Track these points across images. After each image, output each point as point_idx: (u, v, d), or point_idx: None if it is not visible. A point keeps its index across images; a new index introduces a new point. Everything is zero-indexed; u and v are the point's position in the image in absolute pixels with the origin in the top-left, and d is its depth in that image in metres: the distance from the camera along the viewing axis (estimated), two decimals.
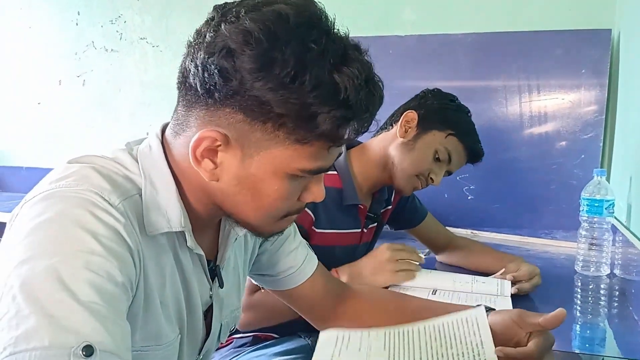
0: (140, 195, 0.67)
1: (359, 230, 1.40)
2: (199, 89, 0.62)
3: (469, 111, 1.41)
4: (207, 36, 0.61)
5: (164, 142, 0.71)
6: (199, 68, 0.61)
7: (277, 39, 0.59)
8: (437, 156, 1.32)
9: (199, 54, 0.61)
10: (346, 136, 0.65)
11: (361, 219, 1.40)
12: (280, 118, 0.61)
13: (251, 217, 0.70)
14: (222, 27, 0.60)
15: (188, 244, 0.71)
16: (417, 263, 1.29)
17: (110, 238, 0.59)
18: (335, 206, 1.32)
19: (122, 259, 0.59)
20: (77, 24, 2.97)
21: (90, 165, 0.65)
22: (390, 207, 1.51)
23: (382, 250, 1.22)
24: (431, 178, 1.34)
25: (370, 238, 1.48)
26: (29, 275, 0.53)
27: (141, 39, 2.87)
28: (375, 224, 1.47)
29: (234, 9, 0.62)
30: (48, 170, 0.67)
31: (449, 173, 1.38)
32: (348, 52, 0.62)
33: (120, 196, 0.63)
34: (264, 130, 0.62)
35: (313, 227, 1.28)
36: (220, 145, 0.64)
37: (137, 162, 0.69)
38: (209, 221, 0.76)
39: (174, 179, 0.69)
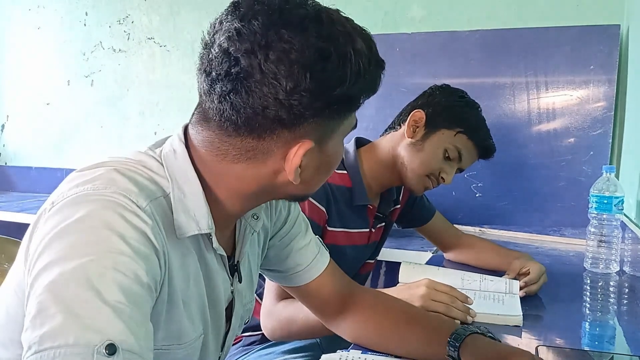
0: (165, 198, 0.68)
1: (368, 230, 1.40)
2: (285, 117, 0.64)
3: (479, 106, 1.38)
4: (273, 67, 0.61)
5: (189, 145, 0.71)
6: (284, 101, 0.62)
7: (338, 42, 0.63)
8: (447, 155, 1.31)
9: (280, 88, 0.61)
10: None
11: (370, 219, 1.40)
12: (357, 100, 0.68)
13: (317, 187, 0.77)
14: (293, 55, 0.61)
15: (214, 246, 0.73)
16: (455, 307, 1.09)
17: (138, 240, 0.60)
18: (346, 205, 1.32)
19: (149, 261, 0.60)
20: (85, 25, 2.99)
21: (114, 168, 0.66)
22: (398, 206, 1.51)
23: (419, 284, 1.08)
24: (442, 177, 1.33)
25: (379, 237, 1.48)
26: (57, 276, 0.54)
27: (149, 38, 2.88)
28: (383, 224, 1.47)
29: (273, 33, 0.61)
30: (57, 170, 0.68)
31: (460, 170, 1.37)
32: None
33: (147, 198, 0.64)
34: (344, 117, 0.70)
35: (326, 225, 1.29)
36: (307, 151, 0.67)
37: (163, 166, 0.70)
38: (235, 219, 0.78)
39: (200, 181, 0.70)
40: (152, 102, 2.89)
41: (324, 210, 1.26)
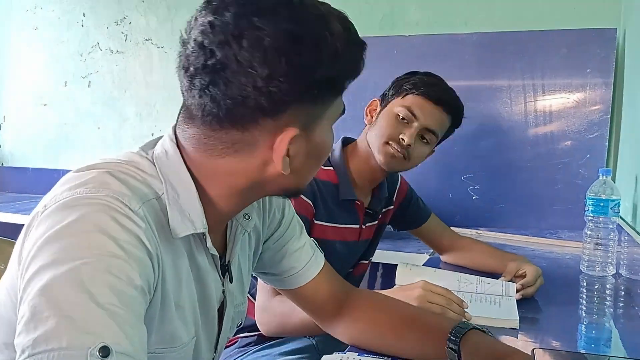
0: (158, 200, 0.68)
1: (358, 226, 1.40)
2: (266, 105, 0.63)
3: (434, 75, 1.40)
4: (248, 55, 0.61)
5: (179, 144, 0.71)
6: (263, 88, 0.62)
7: (311, 25, 0.63)
8: (400, 118, 1.31)
9: (257, 75, 0.61)
10: None
11: (359, 215, 1.40)
12: (339, 84, 0.68)
13: (309, 178, 0.76)
14: (266, 41, 0.61)
15: (208, 245, 0.73)
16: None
17: (131, 243, 0.60)
18: (332, 201, 1.33)
19: (142, 263, 0.60)
20: (82, 26, 2.99)
21: (106, 170, 0.66)
22: (392, 207, 1.51)
23: (415, 286, 1.08)
24: (402, 139, 1.30)
25: (371, 235, 1.48)
26: (50, 279, 0.54)
27: (146, 40, 2.88)
28: (376, 222, 1.47)
29: (245, 21, 0.61)
30: (53, 171, 0.68)
31: (431, 132, 1.33)
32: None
33: (140, 201, 0.64)
34: (329, 101, 0.69)
35: (313, 219, 1.29)
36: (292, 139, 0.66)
37: (155, 167, 0.70)
38: (228, 219, 0.78)
39: (193, 181, 0.70)
40: (150, 104, 2.89)
41: (311, 203, 1.27)
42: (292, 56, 0.61)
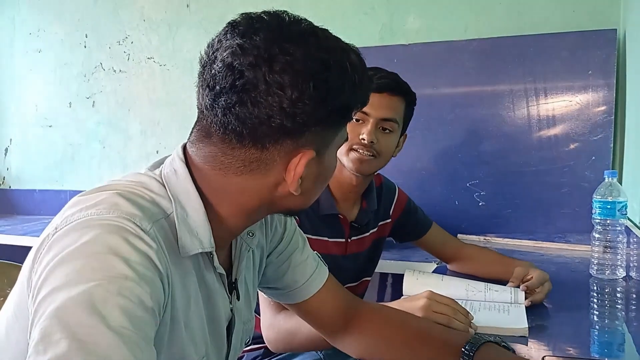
0: (166, 219, 0.68)
1: (343, 240, 1.39)
2: (289, 126, 0.65)
3: (371, 68, 1.36)
4: (278, 78, 0.63)
5: (190, 164, 0.72)
6: (288, 109, 0.64)
7: (337, 54, 0.67)
8: (355, 120, 1.30)
9: (284, 97, 0.63)
10: None
11: (345, 229, 1.39)
12: (351, 112, 0.71)
13: (313, 200, 0.77)
14: (297, 65, 0.63)
15: (215, 264, 0.73)
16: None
17: (142, 264, 0.60)
18: (315, 215, 1.32)
19: (153, 285, 0.61)
20: (85, 46, 3.02)
21: (116, 192, 0.66)
22: (389, 220, 1.51)
23: (420, 297, 1.08)
24: (362, 139, 1.30)
25: (362, 249, 1.45)
26: (62, 301, 0.54)
27: (148, 58, 2.90)
28: (366, 235, 1.45)
29: (275, 46, 0.64)
30: (60, 192, 0.68)
31: (389, 121, 1.32)
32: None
33: (150, 221, 0.65)
34: (339, 128, 0.72)
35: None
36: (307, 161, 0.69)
37: (164, 186, 0.71)
38: (234, 237, 0.79)
39: (202, 199, 0.71)
40: (153, 121, 2.90)
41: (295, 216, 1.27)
42: (320, 81, 0.64)
